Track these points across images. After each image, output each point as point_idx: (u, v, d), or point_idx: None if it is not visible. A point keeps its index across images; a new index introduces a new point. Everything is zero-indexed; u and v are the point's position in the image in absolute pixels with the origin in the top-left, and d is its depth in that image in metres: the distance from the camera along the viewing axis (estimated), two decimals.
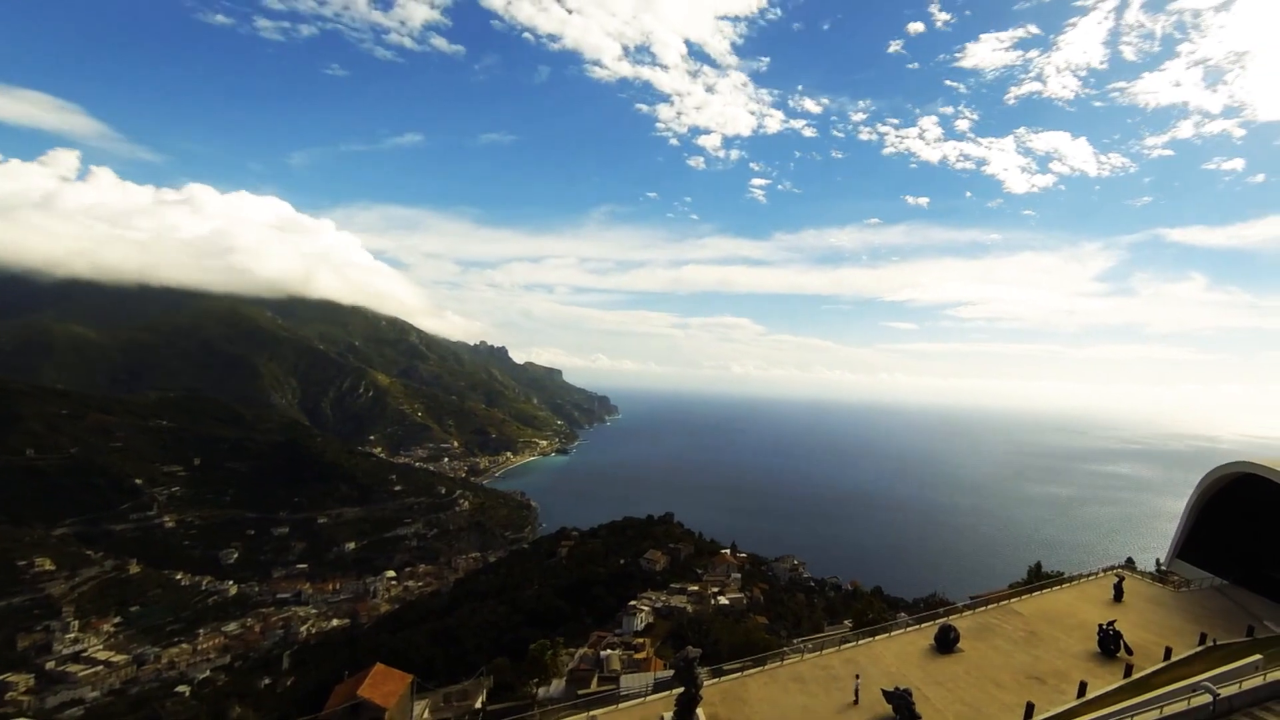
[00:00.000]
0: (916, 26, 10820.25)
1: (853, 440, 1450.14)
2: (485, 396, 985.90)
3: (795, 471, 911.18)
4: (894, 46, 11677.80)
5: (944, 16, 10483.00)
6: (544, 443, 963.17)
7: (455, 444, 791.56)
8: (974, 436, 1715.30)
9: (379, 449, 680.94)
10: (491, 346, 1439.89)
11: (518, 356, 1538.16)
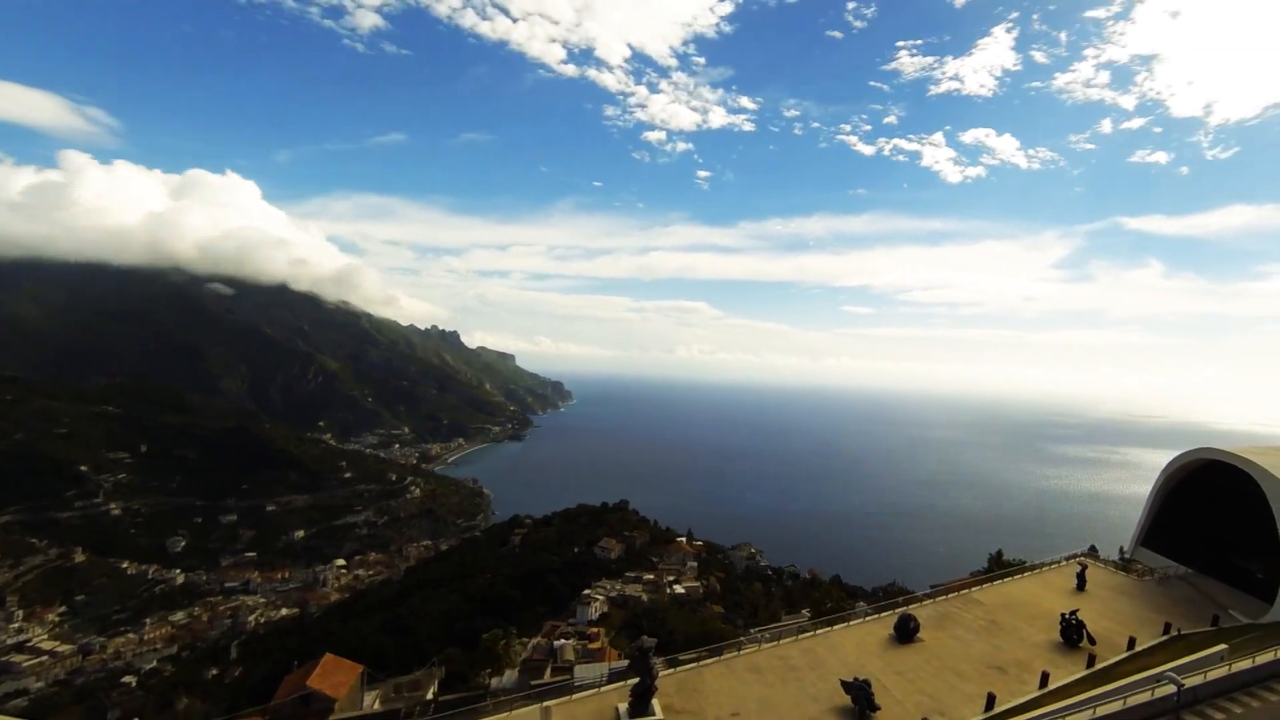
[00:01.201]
0: (835, 34, 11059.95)
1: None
2: (437, 382, 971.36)
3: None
4: (817, 51, 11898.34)
5: (859, 25, 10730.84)
6: (497, 429, 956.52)
7: (406, 430, 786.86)
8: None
9: (328, 435, 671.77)
10: (443, 331, 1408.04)
11: (471, 341, 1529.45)
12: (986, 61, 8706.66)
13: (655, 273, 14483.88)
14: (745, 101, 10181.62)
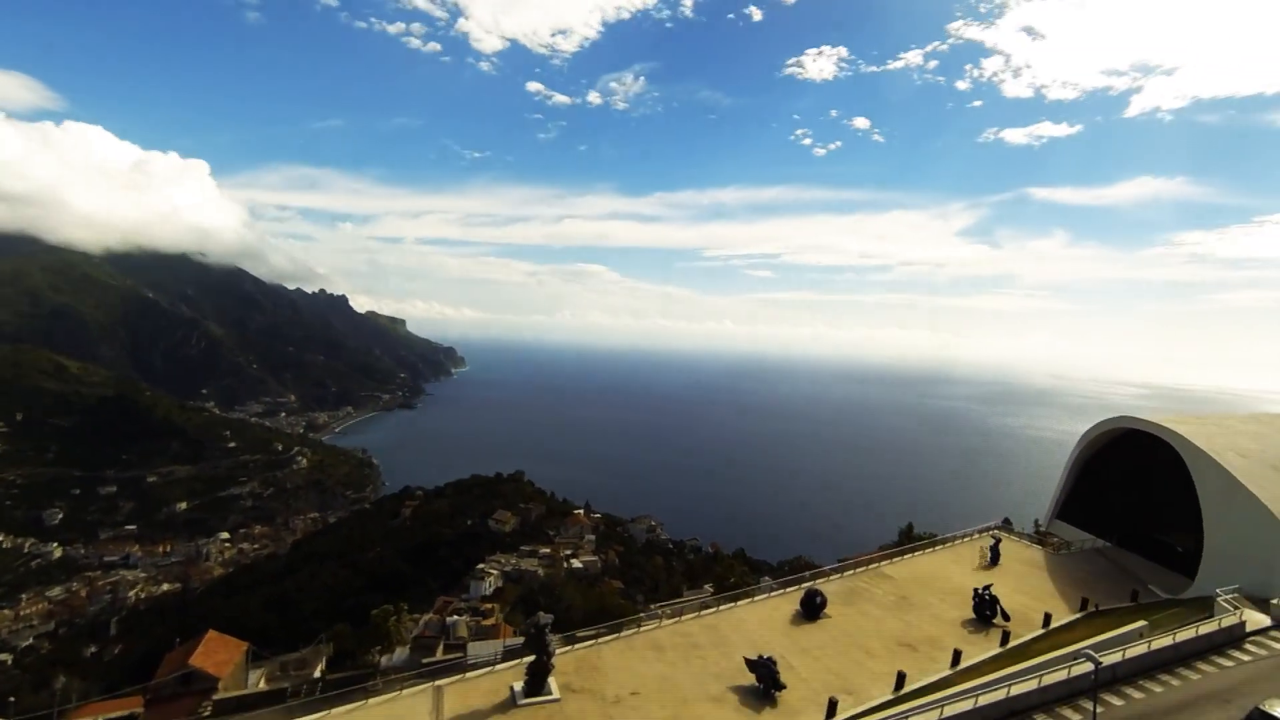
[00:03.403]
0: (669, 25, 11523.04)
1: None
2: (324, 348, 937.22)
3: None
4: (667, 43, 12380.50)
5: (701, 19, 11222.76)
6: (387, 396, 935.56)
7: (293, 398, 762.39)
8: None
9: (212, 404, 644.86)
10: (331, 295, 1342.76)
11: (361, 305, 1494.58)
12: (825, 50, 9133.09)
13: (568, 239, 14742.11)
14: (614, 85, 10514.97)
